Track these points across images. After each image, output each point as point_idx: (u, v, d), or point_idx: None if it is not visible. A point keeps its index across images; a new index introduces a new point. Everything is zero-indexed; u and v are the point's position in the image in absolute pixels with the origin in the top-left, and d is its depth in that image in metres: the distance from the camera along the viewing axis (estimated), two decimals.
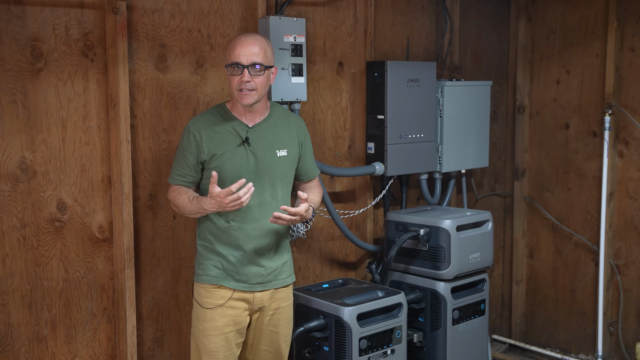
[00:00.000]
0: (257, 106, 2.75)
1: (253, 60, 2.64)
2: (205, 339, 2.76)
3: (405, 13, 4.05)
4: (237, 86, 2.66)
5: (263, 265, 2.77)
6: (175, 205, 2.78)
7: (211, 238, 2.76)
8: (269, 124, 2.79)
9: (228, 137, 2.73)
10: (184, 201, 2.71)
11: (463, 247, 3.56)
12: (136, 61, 2.99)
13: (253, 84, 2.65)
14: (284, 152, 2.80)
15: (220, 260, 2.75)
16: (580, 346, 4.50)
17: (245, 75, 2.64)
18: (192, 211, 2.71)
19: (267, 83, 2.72)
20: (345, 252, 3.88)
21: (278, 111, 2.86)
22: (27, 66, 2.71)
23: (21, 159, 2.72)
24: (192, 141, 2.72)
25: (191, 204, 2.69)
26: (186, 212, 2.74)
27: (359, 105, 3.80)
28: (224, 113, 2.77)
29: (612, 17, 4.15)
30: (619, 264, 4.29)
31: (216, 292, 2.75)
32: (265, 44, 2.71)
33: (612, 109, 4.17)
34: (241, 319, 2.79)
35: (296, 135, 2.87)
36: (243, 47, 2.66)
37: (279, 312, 2.86)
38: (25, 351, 2.78)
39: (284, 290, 2.88)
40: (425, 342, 3.58)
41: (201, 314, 2.77)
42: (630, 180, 4.21)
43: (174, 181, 2.77)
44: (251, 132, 2.74)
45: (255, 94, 2.67)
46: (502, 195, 4.81)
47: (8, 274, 2.72)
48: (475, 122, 4.16)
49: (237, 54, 2.65)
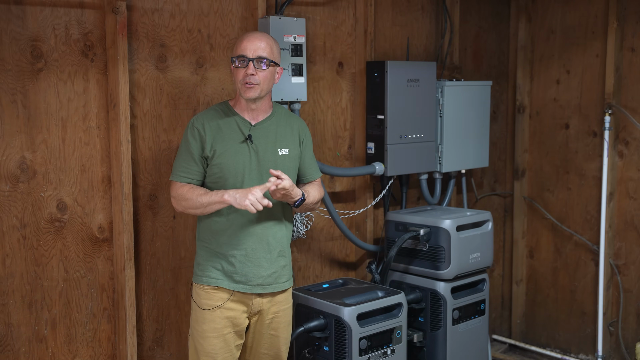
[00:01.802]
0: (260, 103, 2.74)
1: (259, 54, 2.65)
2: (204, 341, 2.74)
3: (405, 13, 4.05)
4: (241, 79, 2.66)
5: (263, 265, 2.75)
6: (183, 199, 2.69)
7: (211, 238, 2.75)
8: (271, 123, 2.79)
9: (231, 134, 2.71)
10: (196, 194, 2.65)
11: (463, 247, 3.56)
12: (136, 61, 2.99)
13: (257, 77, 2.65)
14: (285, 151, 2.79)
15: (219, 261, 2.73)
16: (580, 346, 4.50)
17: (250, 68, 2.64)
18: (204, 202, 2.64)
19: (271, 80, 2.72)
20: (345, 252, 3.88)
21: (280, 111, 2.86)
22: (27, 66, 2.71)
23: (21, 159, 2.72)
24: (196, 136, 2.70)
25: (207, 194, 2.64)
26: (196, 204, 2.65)
27: (359, 105, 3.80)
28: (227, 110, 2.76)
29: (612, 17, 4.15)
30: (619, 264, 4.29)
31: (215, 294, 2.74)
32: (272, 41, 2.72)
33: (612, 109, 4.17)
34: (240, 321, 2.77)
35: (297, 135, 2.86)
36: (250, 41, 2.67)
37: (279, 315, 2.85)
38: (25, 351, 2.78)
39: (283, 294, 2.85)
40: (425, 342, 3.58)
41: (200, 315, 2.75)
42: (630, 180, 4.21)
43: (180, 179, 2.71)
44: (254, 129, 2.74)
45: (258, 88, 2.66)
46: (502, 195, 4.81)
47: (8, 274, 2.72)
48: (475, 122, 4.16)
49: (243, 47, 2.66)
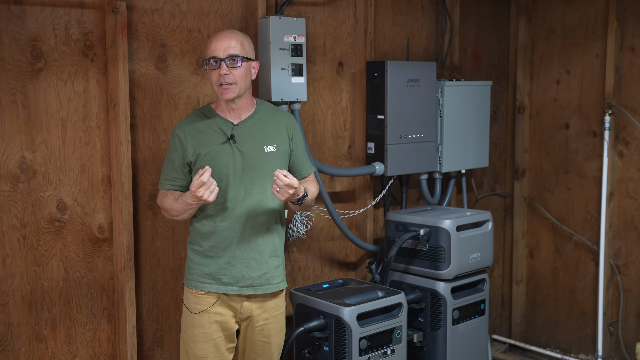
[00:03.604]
0: (240, 102, 2.70)
1: (230, 53, 2.60)
2: (194, 345, 2.72)
3: (405, 13, 4.05)
4: (216, 81, 2.62)
5: (252, 267, 2.71)
6: (164, 210, 2.73)
7: (200, 240, 2.72)
8: (255, 121, 2.74)
9: (212, 136, 2.68)
10: (170, 202, 2.67)
11: (463, 247, 3.56)
12: (136, 61, 2.99)
13: (232, 77, 2.60)
14: (272, 148, 2.74)
15: (208, 264, 2.70)
16: (580, 346, 4.50)
17: (223, 68, 2.59)
18: (179, 210, 2.65)
19: (248, 77, 2.66)
20: (345, 252, 3.88)
21: (265, 107, 2.81)
22: (27, 66, 2.71)
23: (21, 159, 2.72)
24: (177, 143, 2.68)
25: (177, 202, 2.64)
26: (174, 213, 2.67)
27: (359, 105, 3.80)
28: (208, 112, 2.73)
29: (612, 17, 4.15)
30: (619, 264, 4.29)
31: (204, 299, 2.71)
32: (242, 37, 2.67)
33: (612, 109, 4.17)
34: (229, 325, 2.74)
35: (285, 131, 2.80)
36: (219, 41, 2.62)
37: (270, 322, 2.80)
38: (25, 351, 2.78)
39: (274, 300, 2.80)
40: (425, 342, 3.58)
41: (190, 319, 2.73)
42: (630, 180, 4.21)
43: (163, 186, 2.73)
44: (237, 129, 2.70)
45: (235, 87, 2.62)
46: (502, 195, 4.81)
47: (8, 274, 2.72)
48: (475, 122, 4.16)
49: (212, 48, 2.62)
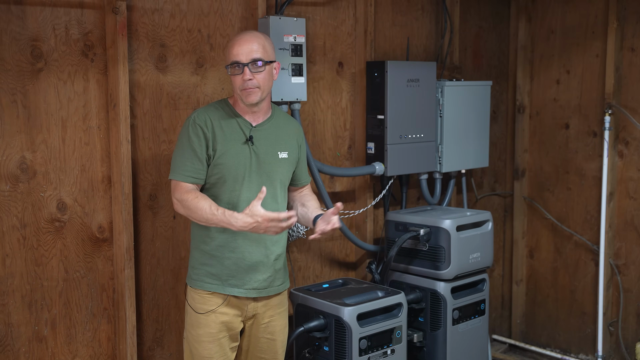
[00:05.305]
0: (261, 105, 2.69)
1: (252, 57, 2.58)
2: (199, 345, 2.71)
3: (405, 13, 4.05)
4: (240, 86, 2.60)
5: (260, 270, 2.71)
6: (187, 208, 2.55)
7: (206, 239, 2.68)
8: (271, 125, 2.74)
9: (233, 134, 2.65)
10: (204, 208, 2.50)
11: (463, 247, 3.56)
12: (136, 61, 2.99)
13: (255, 81, 2.59)
14: (284, 155, 2.75)
15: (215, 265, 2.68)
16: (580, 346, 4.50)
17: (247, 73, 2.58)
18: (211, 221, 2.50)
19: (270, 79, 2.66)
20: (345, 252, 3.88)
21: (279, 113, 2.82)
22: (27, 66, 2.71)
23: (21, 159, 2.72)
24: (199, 134, 2.60)
25: (213, 215, 2.48)
26: (199, 218, 2.53)
27: (359, 105, 3.80)
28: (228, 109, 2.70)
29: (612, 17, 4.15)
30: (619, 264, 4.29)
31: (210, 299, 2.70)
32: (263, 40, 2.64)
33: (612, 109, 4.17)
34: (234, 325, 2.74)
35: (295, 139, 2.82)
36: (241, 45, 2.60)
37: (275, 319, 2.81)
38: (25, 351, 2.78)
39: (278, 297, 2.81)
40: (425, 342, 3.58)
41: (195, 319, 2.72)
42: (630, 180, 4.21)
43: (185, 179, 2.58)
44: (255, 131, 2.68)
45: (259, 91, 2.61)
46: (502, 195, 4.81)
47: (8, 274, 2.72)
48: (475, 122, 4.16)
49: (235, 52, 2.60)
